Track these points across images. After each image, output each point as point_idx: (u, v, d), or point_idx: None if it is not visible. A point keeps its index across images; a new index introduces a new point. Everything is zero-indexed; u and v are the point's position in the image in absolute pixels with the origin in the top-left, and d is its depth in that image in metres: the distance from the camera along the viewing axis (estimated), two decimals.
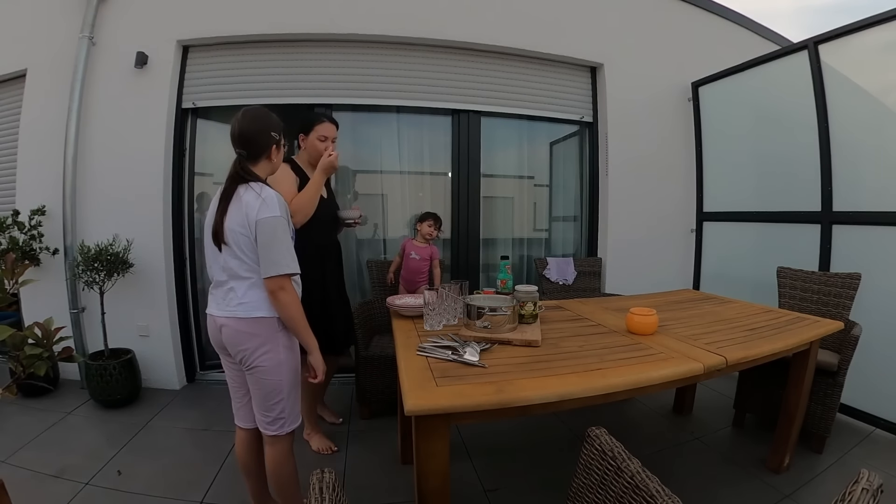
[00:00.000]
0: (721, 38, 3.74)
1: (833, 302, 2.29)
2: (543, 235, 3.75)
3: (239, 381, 1.50)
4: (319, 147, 1.98)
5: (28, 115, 2.90)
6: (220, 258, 1.39)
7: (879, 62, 2.35)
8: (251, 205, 1.33)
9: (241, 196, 1.36)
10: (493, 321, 1.56)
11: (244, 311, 1.37)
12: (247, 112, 1.43)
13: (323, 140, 2.00)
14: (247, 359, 1.39)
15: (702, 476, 1.97)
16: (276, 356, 1.40)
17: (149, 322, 2.89)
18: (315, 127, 2.00)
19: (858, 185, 2.50)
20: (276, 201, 1.35)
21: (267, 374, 1.40)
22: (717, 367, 1.40)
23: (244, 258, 1.36)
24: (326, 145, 1.99)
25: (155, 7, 2.84)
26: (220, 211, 1.37)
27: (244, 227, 1.33)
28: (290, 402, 1.46)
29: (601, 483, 0.90)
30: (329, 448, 2.15)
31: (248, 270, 1.37)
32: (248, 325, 1.37)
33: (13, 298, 1.96)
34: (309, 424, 2.17)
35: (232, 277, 1.38)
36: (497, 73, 3.29)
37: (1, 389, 1.05)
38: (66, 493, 1.79)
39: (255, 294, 1.37)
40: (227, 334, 1.39)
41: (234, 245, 1.35)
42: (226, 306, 1.39)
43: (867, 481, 0.65)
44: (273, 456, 1.48)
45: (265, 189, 1.37)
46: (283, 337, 1.42)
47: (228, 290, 1.39)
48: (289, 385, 1.44)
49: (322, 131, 2.00)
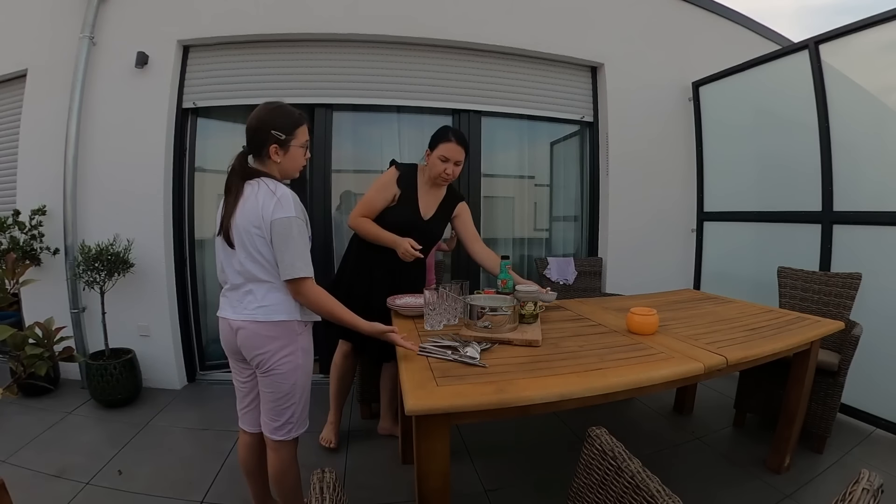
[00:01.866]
0: (722, 38, 3.74)
1: (834, 302, 2.29)
2: (544, 235, 3.75)
3: (248, 385, 1.48)
4: (438, 167, 1.91)
5: (28, 115, 2.90)
6: (235, 260, 1.35)
7: (880, 62, 2.35)
8: (266, 204, 1.28)
9: (255, 194, 1.31)
10: (494, 321, 1.55)
11: (264, 315, 1.34)
12: (262, 106, 1.37)
13: (444, 161, 1.90)
14: (265, 362, 1.36)
15: (702, 476, 1.97)
16: (295, 359, 1.38)
17: (149, 322, 2.89)
18: (439, 145, 1.91)
19: (859, 184, 2.50)
20: (292, 200, 1.31)
21: (284, 378, 1.38)
22: (718, 367, 1.40)
23: (261, 260, 1.32)
24: (446, 168, 1.90)
25: (155, 7, 2.84)
26: (226, 206, 1.33)
27: (259, 228, 1.29)
28: (300, 406, 1.44)
29: (602, 483, 0.90)
30: (329, 442, 2.15)
31: (265, 273, 1.33)
32: (268, 329, 1.34)
33: (14, 298, 1.96)
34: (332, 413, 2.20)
35: (249, 280, 1.35)
36: (498, 72, 3.28)
37: (2, 389, 1.05)
38: (66, 492, 1.79)
39: (275, 297, 1.34)
40: (243, 337, 1.36)
41: (250, 246, 1.31)
42: (243, 309, 1.35)
43: (868, 481, 0.65)
44: (277, 461, 1.46)
45: (280, 187, 1.32)
46: (302, 340, 1.40)
47: (246, 292, 1.35)
48: (302, 388, 1.43)
49: (445, 151, 1.90)
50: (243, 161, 1.37)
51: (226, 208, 1.35)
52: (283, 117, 1.37)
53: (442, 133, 1.94)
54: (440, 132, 1.95)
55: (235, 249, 1.34)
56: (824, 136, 2.60)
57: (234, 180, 1.35)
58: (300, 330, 1.39)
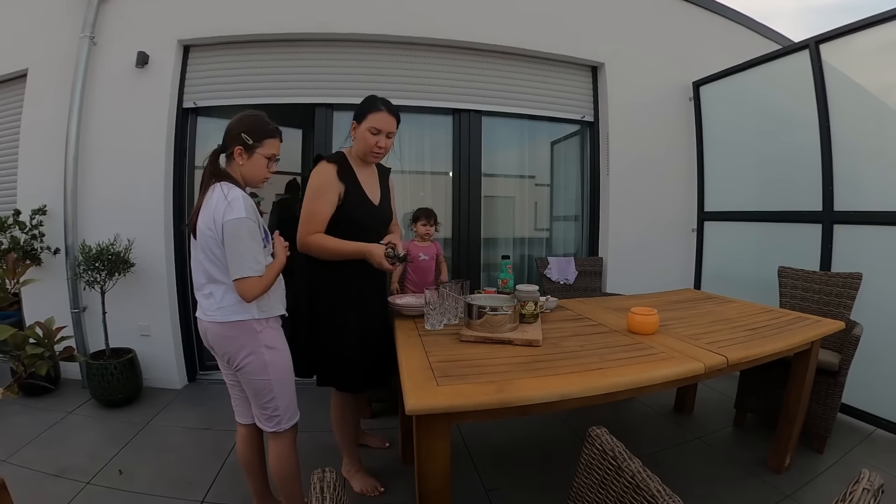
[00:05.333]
0: (722, 38, 3.74)
1: (834, 301, 2.29)
2: (544, 235, 3.75)
3: (234, 378, 1.52)
4: (370, 140, 1.66)
5: (29, 114, 2.90)
6: (198, 261, 1.40)
7: (881, 61, 2.34)
8: (218, 207, 1.32)
9: (212, 197, 1.36)
10: (494, 321, 1.55)
11: (222, 315, 1.37)
12: (245, 111, 1.46)
13: (375, 133, 1.66)
14: (233, 361, 1.41)
15: (703, 476, 1.97)
16: (260, 357, 1.40)
17: (150, 321, 2.89)
18: (368, 115, 1.66)
19: (860, 184, 2.50)
20: (242, 202, 1.33)
21: (253, 376, 1.41)
22: (718, 367, 1.40)
23: (215, 261, 1.36)
24: (378, 140, 1.66)
25: (156, 7, 2.84)
26: (197, 205, 1.39)
27: (212, 230, 1.33)
28: (282, 399, 1.46)
29: (602, 483, 0.90)
30: (375, 488, 1.84)
31: (221, 274, 1.37)
32: (227, 329, 1.38)
33: (14, 298, 1.96)
34: (349, 461, 1.89)
35: (210, 281, 1.39)
36: (498, 72, 3.28)
37: (2, 389, 1.05)
38: (67, 492, 1.79)
39: (232, 297, 1.37)
40: (210, 338, 1.42)
41: (205, 247, 1.36)
42: (207, 310, 1.40)
43: (868, 481, 0.65)
44: (274, 451, 1.50)
45: (232, 190, 1.35)
46: (264, 337, 1.42)
47: (208, 294, 1.40)
48: (278, 384, 1.45)
49: (375, 122, 1.65)
50: (214, 159, 1.42)
51: (196, 204, 1.40)
52: (257, 124, 1.42)
53: (370, 103, 1.69)
54: (367, 102, 1.70)
55: (196, 248, 1.39)
56: (825, 135, 2.60)
57: (206, 178, 1.40)
58: (259, 328, 1.41)
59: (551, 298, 2.10)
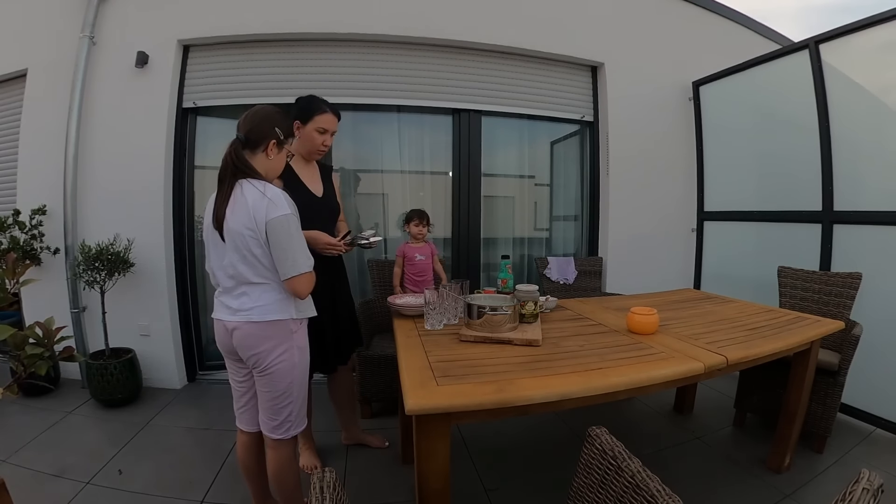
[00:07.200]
0: (722, 38, 3.74)
1: (834, 301, 2.29)
2: (544, 235, 3.75)
3: (245, 385, 1.48)
4: (317, 140, 1.78)
5: (29, 114, 2.90)
6: (227, 262, 1.33)
7: (880, 61, 2.34)
8: (257, 206, 1.27)
9: (244, 195, 1.29)
10: (494, 321, 1.56)
11: (259, 315, 1.33)
12: (268, 105, 1.43)
13: (322, 133, 1.78)
14: (261, 362, 1.36)
15: (702, 476, 1.97)
16: (291, 357, 1.39)
17: (150, 321, 2.89)
18: (315, 117, 1.77)
19: (859, 184, 2.50)
20: (283, 198, 1.31)
21: (280, 377, 1.38)
22: (718, 367, 1.40)
23: (254, 262, 1.31)
24: (325, 139, 1.79)
25: (155, 7, 2.84)
26: (222, 201, 1.31)
27: (252, 230, 1.28)
28: (298, 404, 1.45)
29: (602, 483, 0.90)
30: (315, 466, 1.98)
31: (258, 276, 1.33)
32: (264, 329, 1.34)
33: (14, 298, 1.96)
34: (303, 437, 2.01)
35: (242, 283, 1.34)
36: (498, 72, 3.28)
37: (2, 389, 1.05)
38: (67, 492, 1.79)
39: (269, 297, 1.34)
40: (239, 338, 1.35)
41: (243, 248, 1.30)
42: (237, 310, 1.34)
43: (868, 481, 0.65)
44: (276, 460, 1.46)
45: (268, 187, 1.31)
46: (297, 338, 1.41)
47: (240, 294, 1.35)
48: (299, 386, 1.44)
49: (322, 123, 1.77)
50: (239, 152, 1.34)
51: (219, 199, 1.32)
52: (286, 121, 1.46)
53: (315, 104, 1.79)
54: (312, 103, 1.79)
55: (227, 249, 1.33)
56: (824, 135, 2.60)
57: (228, 172, 1.33)
58: (295, 328, 1.40)
59: (551, 298, 2.10)
